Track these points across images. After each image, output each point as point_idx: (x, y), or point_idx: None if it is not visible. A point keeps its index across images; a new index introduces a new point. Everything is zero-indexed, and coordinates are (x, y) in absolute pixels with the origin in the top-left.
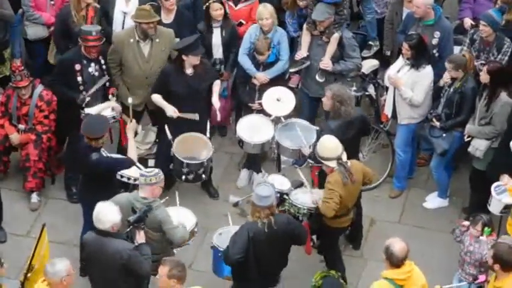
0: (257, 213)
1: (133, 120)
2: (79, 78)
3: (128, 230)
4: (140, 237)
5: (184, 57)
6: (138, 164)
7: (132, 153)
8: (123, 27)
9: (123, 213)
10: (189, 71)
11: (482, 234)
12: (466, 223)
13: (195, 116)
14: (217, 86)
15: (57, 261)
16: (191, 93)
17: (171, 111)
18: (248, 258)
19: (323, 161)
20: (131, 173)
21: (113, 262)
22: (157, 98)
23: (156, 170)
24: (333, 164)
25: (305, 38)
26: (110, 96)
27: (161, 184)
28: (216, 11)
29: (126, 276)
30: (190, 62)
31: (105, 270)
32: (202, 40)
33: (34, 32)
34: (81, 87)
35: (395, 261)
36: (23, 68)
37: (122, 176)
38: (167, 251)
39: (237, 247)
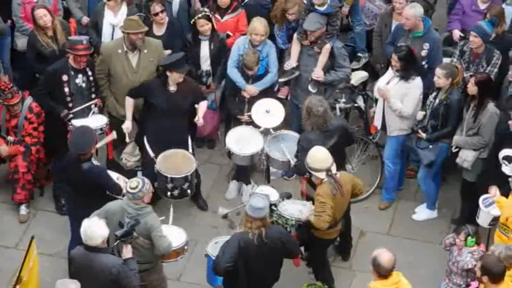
0: (249, 224)
1: (123, 179)
2: (66, 90)
3: (115, 244)
4: (127, 251)
5: (168, 73)
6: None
7: (121, 182)
8: (112, 39)
9: (116, 220)
10: (172, 88)
11: (465, 245)
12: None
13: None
14: (203, 106)
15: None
16: (172, 109)
17: (125, 127)
18: (238, 269)
19: (312, 172)
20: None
21: (103, 277)
22: (128, 104)
23: (140, 185)
24: (322, 175)
25: (295, 48)
26: (93, 106)
27: (150, 192)
28: (202, 26)
29: None
30: (174, 79)
31: (94, 286)
32: (190, 52)
33: (24, 43)
34: (68, 99)
35: (382, 272)
36: (11, 85)
37: None
38: (156, 260)
39: (227, 255)
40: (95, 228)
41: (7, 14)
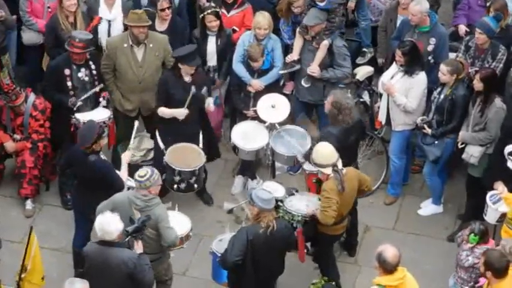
0: (265, 219)
1: (130, 151)
2: (69, 84)
3: (126, 240)
4: (138, 247)
5: (180, 65)
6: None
7: (124, 178)
8: (108, 35)
9: (123, 211)
10: (186, 78)
11: (468, 241)
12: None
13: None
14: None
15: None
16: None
17: (182, 113)
18: (246, 262)
19: (319, 168)
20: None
21: (119, 272)
22: (164, 110)
23: (148, 174)
24: (328, 171)
25: (297, 42)
26: (101, 99)
27: (158, 184)
28: (211, 22)
29: (131, 286)
30: (186, 71)
31: (110, 282)
32: (197, 47)
33: (29, 37)
34: (71, 92)
35: (387, 268)
36: (14, 86)
37: None
38: (164, 250)
39: (236, 249)
40: (112, 223)
41: (12, 9)
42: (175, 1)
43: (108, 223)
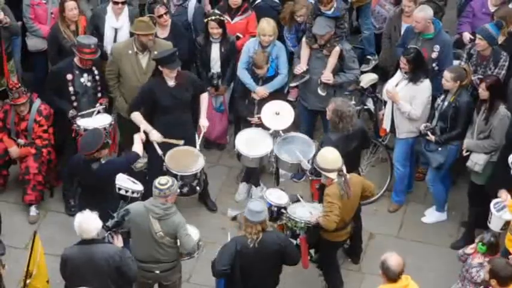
0: (249, 229)
1: (142, 133)
2: (71, 88)
3: (106, 235)
4: (118, 241)
5: (160, 68)
6: (132, 179)
7: (138, 146)
8: (114, 43)
9: (140, 220)
10: (171, 82)
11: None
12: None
13: (180, 142)
14: (205, 101)
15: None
16: (176, 104)
17: (155, 136)
18: (234, 273)
19: (324, 173)
20: (129, 185)
21: (106, 266)
22: (137, 118)
23: (169, 183)
24: (333, 175)
25: (304, 52)
26: (98, 105)
27: (176, 193)
28: (212, 29)
29: (118, 281)
30: (167, 75)
31: (97, 279)
32: (200, 53)
33: (34, 44)
34: (73, 97)
35: (391, 276)
36: (20, 85)
37: (119, 189)
38: (179, 259)
39: (224, 258)
40: (90, 221)
41: (17, 15)
42: (190, 12)
43: (86, 222)
